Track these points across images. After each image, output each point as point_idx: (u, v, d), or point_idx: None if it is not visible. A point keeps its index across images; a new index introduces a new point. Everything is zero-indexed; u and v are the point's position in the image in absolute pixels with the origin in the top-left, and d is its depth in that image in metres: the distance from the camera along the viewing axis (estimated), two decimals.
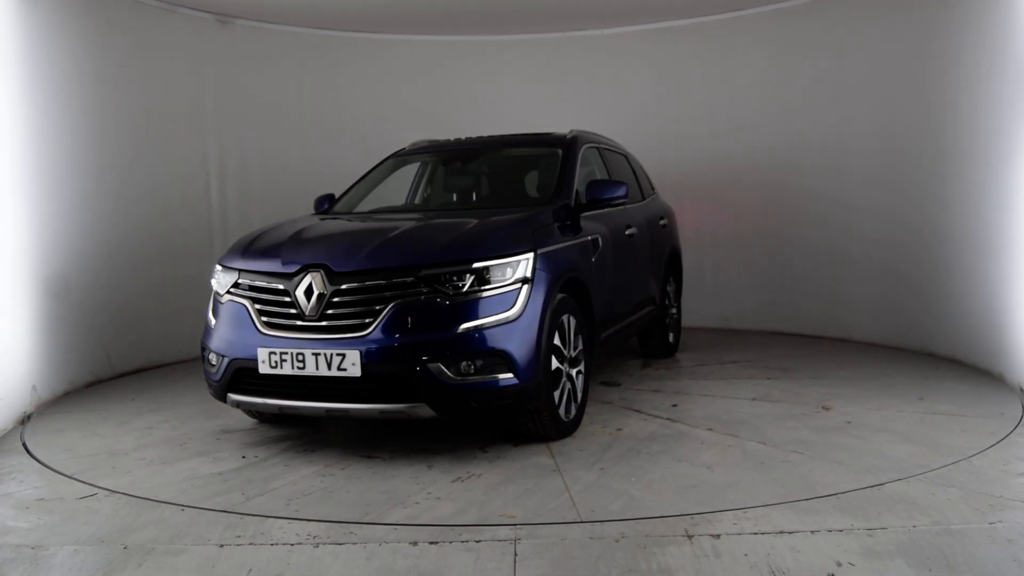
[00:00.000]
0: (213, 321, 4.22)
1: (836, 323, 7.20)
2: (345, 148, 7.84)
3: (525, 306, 3.89)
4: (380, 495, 3.53)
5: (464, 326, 3.75)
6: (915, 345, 6.44)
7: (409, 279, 3.79)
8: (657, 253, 6.13)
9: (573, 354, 4.33)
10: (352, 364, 3.73)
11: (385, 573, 2.77)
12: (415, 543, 3.00)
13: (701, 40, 7.83)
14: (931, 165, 6.21)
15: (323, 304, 3.85)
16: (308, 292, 3.88)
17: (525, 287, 3.91)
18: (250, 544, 3.03)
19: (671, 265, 6.51)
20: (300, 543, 3.03)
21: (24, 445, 4.46)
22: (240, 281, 4.14)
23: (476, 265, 3.83)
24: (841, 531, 2.99)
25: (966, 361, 5.84)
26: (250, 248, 4.33)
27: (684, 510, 3.23)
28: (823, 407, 4.72)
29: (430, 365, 3.70)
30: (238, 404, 4.16)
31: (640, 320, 5.75)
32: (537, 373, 3.91)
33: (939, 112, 6.09)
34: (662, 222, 6.30)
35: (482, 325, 3.78)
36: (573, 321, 4.32)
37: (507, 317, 3.83)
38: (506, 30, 8.12)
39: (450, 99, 8.20)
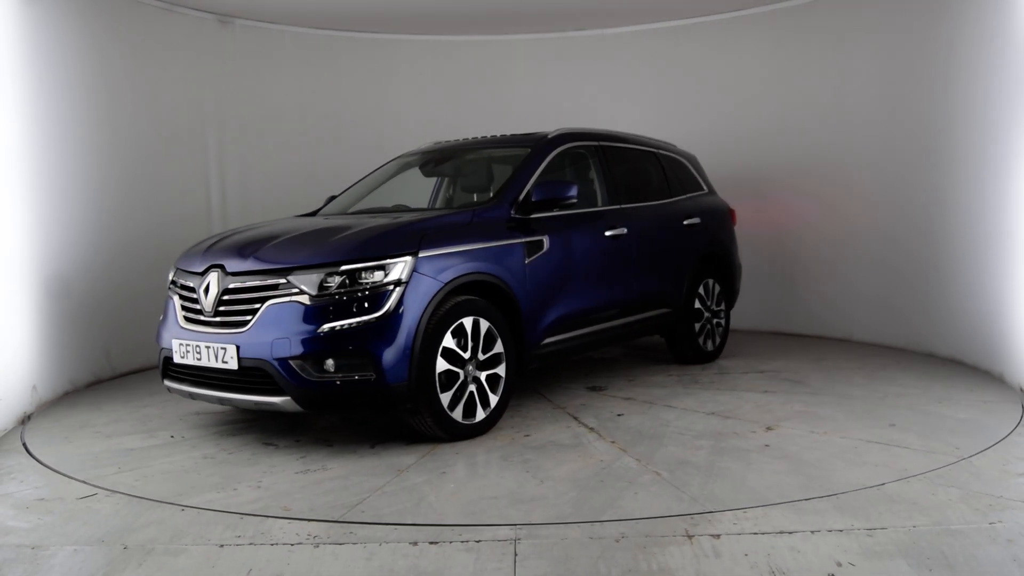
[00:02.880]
0: (162, 315, 4.64)
1: (838, 323, 7.20)
2: (346, 148, 7.85)
3: (396, 308, 3.96)
4: (219, 479, 3.79)
5: (328, 326, 3.89)
6: (916, 346, 6.44)
7: (282, 280, 4.00)
8: (678, 254, 5.91)
9: (483, 357, 4.34)
10: (231, 358, 4.02)
11: (385, 573, 2.77)
12: (415, 543, 3.00)
13: (703, 39, 7.84)
14: (932, 164, 6.21)
15: (216, 302, 4.15)
16: (207, 290, 4.23)
17: (398, 289, 3.99)
18: (250, 544, 3.03)
19: (708, 267, 6.23)
20: (300, 543, 3.03)
21: (24, 445, 4.46)
22: (174, 279, 4.57)
23: (344, 267, 3.97)
24: (841, 531, 2.99)
25: (966, 361, 5.85)
26: (192, 249, 4.69)
27: (457, 521, 3.19)
28: (768, 427, 4.41)
29: (293, 362, 3.88)
30: (169, 389, 4.48)
31: (639, 324, 5.60)
32: (407, 374, 3.97)
33: (940, 111, 6.09)
34: (689, 222, 6.03)
35: (346, 325, 3.89)
36: (485, 324, 4.33)
37: (374, 318, 3.92)
38: (508, 30, 8.12)
39: (452, 99, 8.21)
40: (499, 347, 4.41)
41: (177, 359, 4.27)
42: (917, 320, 6.45)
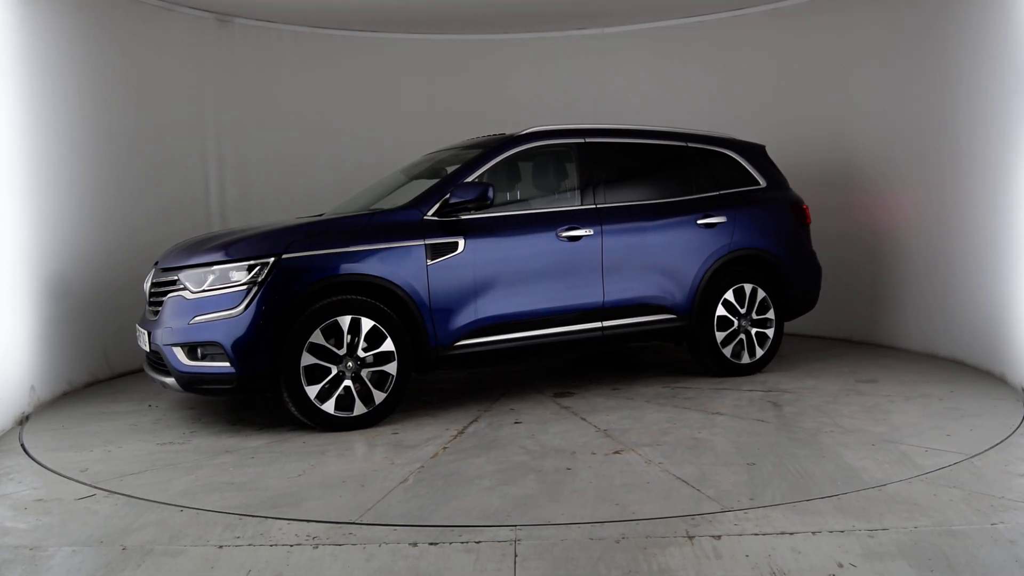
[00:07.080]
0: None
1: (838, 324, 7.19)
2: (345, 147, 7.84)
3: (254, 305, 4.37)
4: (98, 442, 4.46)
5: (195, 319, 4.43)
6: (917, 346, 6.43)
7: (176, 278, 4.60)
8: (683, 256, 5.49)
9: (364, 354, 4.56)
10: (146, 343, 4.68)
11: (385, 574, 2.76)
12: (415, 544, 2.99)
13: (704, 38, 7.84)
14: (932, 165, 6.20)
15: (149, 294, 4.87)
16: (147, 284, 4.95)
17: (257, 288, 4.38)
18: (249, 545, 3.02)
19: (744, 271, 5.72)
20: (299, 544, 3.02)
21: (23, 446, 4.45)
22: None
23: (215, 267, 4.48)
24: (842, 532, 2.99)
25: (967, 361, 5.84)
26: None
27: (177, 502, 3.46)
28: (616, 451, 4.04)
29: (174, 348, 4.47)
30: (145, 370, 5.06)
31: (622, 330, 5.29)
32: (260, 367, 4.38)
33: (940, 112, 6.08)
34: (706, 221, 5.58)
35: (208, 319, 4.41)
36: (368, 323, 4.54)
37: (230, 314, 4.38)
38: (508, 29, 8.12)
39: (452, 98, 8.19)
40: (388, 345, 4.59)
41: (138, 343, 4.91)
42: (917, 320, 6.44)
